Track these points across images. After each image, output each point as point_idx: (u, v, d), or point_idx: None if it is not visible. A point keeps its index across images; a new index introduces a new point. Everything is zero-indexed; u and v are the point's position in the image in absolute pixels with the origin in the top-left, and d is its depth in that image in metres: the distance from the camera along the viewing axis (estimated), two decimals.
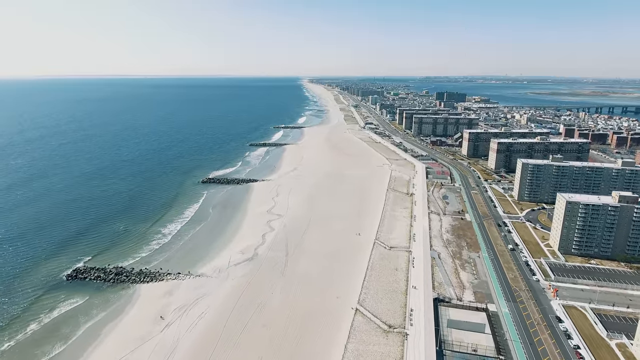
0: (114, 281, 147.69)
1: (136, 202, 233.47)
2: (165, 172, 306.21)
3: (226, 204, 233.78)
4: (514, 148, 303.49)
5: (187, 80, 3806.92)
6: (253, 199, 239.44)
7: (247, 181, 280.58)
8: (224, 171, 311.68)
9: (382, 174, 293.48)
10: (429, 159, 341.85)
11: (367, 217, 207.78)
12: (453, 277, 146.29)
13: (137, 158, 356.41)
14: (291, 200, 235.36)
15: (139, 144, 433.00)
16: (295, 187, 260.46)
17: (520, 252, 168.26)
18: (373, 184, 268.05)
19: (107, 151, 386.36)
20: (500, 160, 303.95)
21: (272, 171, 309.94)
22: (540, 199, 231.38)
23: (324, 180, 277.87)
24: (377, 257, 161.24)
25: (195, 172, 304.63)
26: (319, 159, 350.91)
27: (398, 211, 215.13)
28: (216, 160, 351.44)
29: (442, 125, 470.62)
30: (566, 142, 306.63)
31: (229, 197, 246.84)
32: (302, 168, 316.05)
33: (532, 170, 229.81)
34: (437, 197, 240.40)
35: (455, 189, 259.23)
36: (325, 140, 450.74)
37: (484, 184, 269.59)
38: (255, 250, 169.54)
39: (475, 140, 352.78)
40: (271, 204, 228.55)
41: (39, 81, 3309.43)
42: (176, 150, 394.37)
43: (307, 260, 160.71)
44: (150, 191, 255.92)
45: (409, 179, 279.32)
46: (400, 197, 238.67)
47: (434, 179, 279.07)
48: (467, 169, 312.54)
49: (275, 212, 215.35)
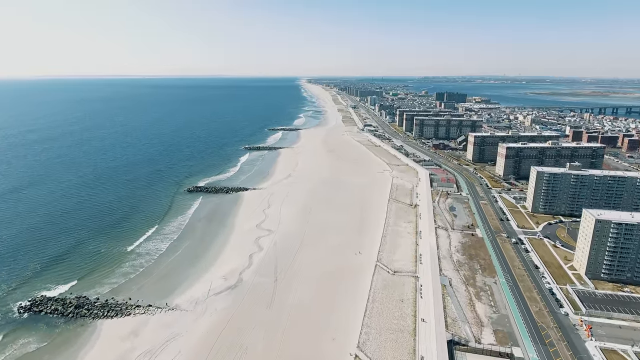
0: (73, 315, 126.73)
1: (115, 217, 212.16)
2: (151, 180, 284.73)
3: (212, 217, 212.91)
4: (523, 153, 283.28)
5: (186, 80, 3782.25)
6: (242, 212, 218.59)
7: (238, 190, 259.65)
8: (213, 178, 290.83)
9: (382, 182, 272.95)
10: (432, 165, 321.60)
11: (367, 233, 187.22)
12: (468, 311, 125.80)
13: (123, 165, 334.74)
14: (283, 212, 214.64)
15: (127, 148, 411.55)
16: (288, 197, 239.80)
17: (541, 277, 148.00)
18: (373, 194, 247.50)
19: (93, 158, 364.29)
20: (509, 166, 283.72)
21: (265, 178, 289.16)
22: (557, 211, 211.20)
23: (320, 189, 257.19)
24: (379, 285, 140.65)
25: (184, 180, 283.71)
26: (315, 164, 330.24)
27: (401, 226, 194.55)
28: (207, 165, 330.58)
29: (445, 128, 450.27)
30: (579, 147, 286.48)
31: (217, 208, 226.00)
32: (296, 175, 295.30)
33: (547, 180, 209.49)
34: (444, 208, 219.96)
35: (462, 198, 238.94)
36: (322, 143, 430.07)
37: (493, 193, 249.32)
38: (239, 275, 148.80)
39: (481, 144, 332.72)
40: (261, 217, 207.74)
41: (39, 81, 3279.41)
42: (166, 156, 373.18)
43: (299, 287, 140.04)
44: (132, 203, 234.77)
45: (411, 187, 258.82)
46: (404, 209, 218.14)
47: (438, 187, 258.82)
48: (474, 176, 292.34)
49: (265, 227, 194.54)
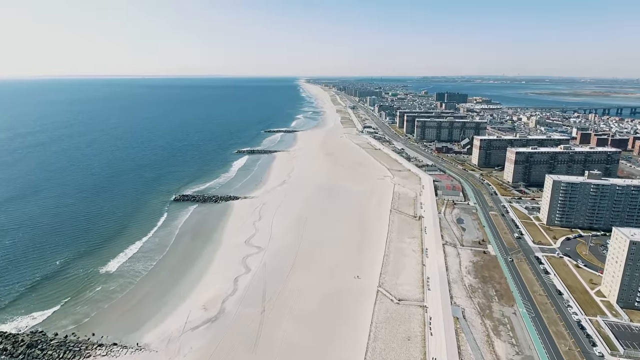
0: (23, 357, 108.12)
1: (90, 231, 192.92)
2: (137, 189, 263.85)
3: (199, 231, 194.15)
4: (534, 159, 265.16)
5: (184, 80, 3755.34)
6: (230, 225, 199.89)
7: (227, 199, 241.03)
8: (204, 185, 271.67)
9: (383, 189, 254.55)
10: (435, 170, 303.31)
11: (368, 250, 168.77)
12: (487, 351, 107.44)
13: (109, 173, 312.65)
14: (276, 225, 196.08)
15: (116, 153, 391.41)
16: (282, 207, 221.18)
17: (567, 305, 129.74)
18: (373, 203, 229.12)
19: (78, 165, 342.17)
20: (519, 173, 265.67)
21: (258, 185, 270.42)
22: (575, 223, 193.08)
23: (316, 198, 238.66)
24: (381, 317, 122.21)
25: (172, 188, 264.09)
26: (311, 169, 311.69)
27: (405, 241, 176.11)
28: (198, 171, 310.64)
29: (447, 130, 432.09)
30: (593, 152, 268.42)
31: (203, 220, 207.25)
32: (292, 181, 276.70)
33: (565, 190, 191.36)
34: (451, 220, 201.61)
35: (470, 209, 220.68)
36: (319, 146, 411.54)
37: (502, 202, 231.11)
38: (222, 304, 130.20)
39: (487, 148, 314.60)
40: (251, 231, 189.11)
41: (38, 82, 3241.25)
42: (156, 161, 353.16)
43: (289, 322, 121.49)
44: (114, 216, 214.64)
45: (415, 195, 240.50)
46: (407, 222, 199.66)
47: (443, 195, 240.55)
48: (480, 182, 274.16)
49: (254, 244, 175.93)
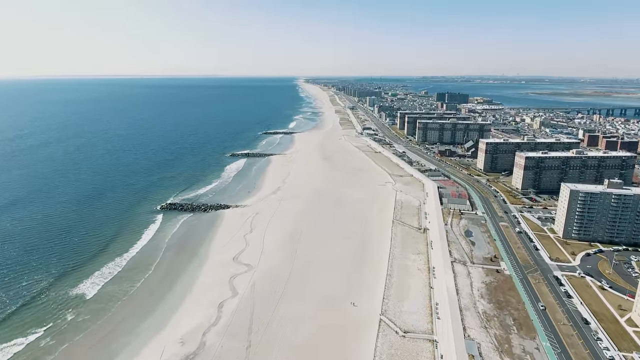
0: None
1: (69, 247, 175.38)
2: (123, 197, 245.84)
3: (183, 245, 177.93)
4: (545, 164, 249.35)
5: (181, 80, 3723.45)
6: (219, 238, 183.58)
7: (218, 207, 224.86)
8: (193, 192, 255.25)
9: (385, 197, 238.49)
10: (439, 175, 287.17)
11: (368, 269, 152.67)
12: None
13: (95, 178, 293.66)
14: (268, 239, 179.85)
15: (105, 156, 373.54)
16: (275, 218, 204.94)
17: (596, 338, 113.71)
18: (374, 213, 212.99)
19: (62, 169, 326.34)
20: (529, 179, 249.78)
21: (251, 192, 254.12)
22: (594, 237, 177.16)
23: (312, 207, 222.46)
24: (385, 353, 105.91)
25: (160, 195, 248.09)
26: (308, 174, 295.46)
27: (410, 258, 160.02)
28: (188, 176, 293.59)
29: (450, 132, 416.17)
30: (607, 157, 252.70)
31: (190, 233, 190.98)
32: (287, 188, 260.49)
33: (583, 200, 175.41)
34: (458, 233, 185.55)
35: (478, 219, 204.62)
36: (317, 149, 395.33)
37: (513, 212, 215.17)
38: (202, 337, 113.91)
39: (494, 152, 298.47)
40: (240, 246, 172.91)
41: (36, 81, 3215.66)
42: (145, 166, 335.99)
43: (278, 358, 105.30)
44: (95, 228, 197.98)
45: (418, 204, 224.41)
46: (411, 235, 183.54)
47: (449, 203, 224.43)
48: (487, 189, 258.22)
49: (243, 261, 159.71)
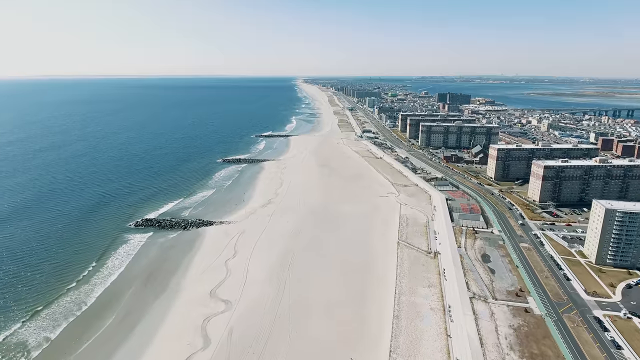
0: None
1: (14, 280, 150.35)
2: (94, 209, 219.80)
3: (153, 273, 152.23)
4: (565, 174, 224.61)
5: (181, 80, 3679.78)
6: (196, 264, 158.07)
7: (200, 224, 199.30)
8: (174, 205, 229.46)
9: (388, 212, 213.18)
10: (446, 185, 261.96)
11: (371, 309, 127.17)
12: None
13: (67, 187, 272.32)
14: (253, 266, 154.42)
15: (82, 161, 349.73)
16: (263, 239, 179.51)
17: None
18: (376, 232, 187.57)
19: (33, 173, 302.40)
20: (547, 190, 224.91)
21: (238, 205, 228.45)
22: (632, 263, 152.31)
23: (306, 225, 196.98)
24: None
25: (134, 208, 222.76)
26: (303, 184, 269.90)
27: (420, 293, 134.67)
28: (171, 186, 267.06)
29: (455, 135, 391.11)
30: (635, 166, 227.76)
31: (164, 257, 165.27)
32: (279, 200, 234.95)
33: (621, 221, 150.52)
34: (474, 258, 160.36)
35: (495, 239, 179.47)
36: (314, 154, 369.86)
37: (533, 229, 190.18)
38: None
39: (506, 159, 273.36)
40: (220, 276, 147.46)
41: (33, 82, 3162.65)
42: (124, 172, 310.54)
43: None
44: (52, 249, 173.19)
45: (426, 220, 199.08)
46: (420, 261, 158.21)
47: (460, 219, 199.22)
48: (501, 201, 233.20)
49: (222, 296, 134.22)
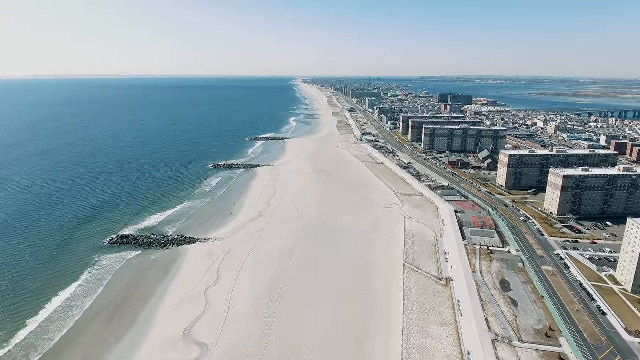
0: None
1: None
2: (67, 224, 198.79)
3: (121, 305, 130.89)
4: (586, 184, 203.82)
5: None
6: (172, 293, 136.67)
7: (181, 242, 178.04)
8: (156, 218, 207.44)
9: (391, 227, 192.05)
10: (454, 194, 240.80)
11: (373, 356, 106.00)
12: None
13: (40, 197, 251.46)
14: (237, 296, 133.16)
15: (59, 174, 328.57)
16: (250, 261, 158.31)
17: None
18: (378, 252, 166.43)
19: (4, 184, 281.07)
20: (566, 202, 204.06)
21: (226, 219, 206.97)
22: None
23: (299, 244, 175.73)
24: None
25: (112, 222, 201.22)
26: (298, 194, 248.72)
27: (432, 334, 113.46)
28: (155, 196, 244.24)
29: (461, 139, 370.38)
30: None
31: (136, 284, 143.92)
32: (270, 213, 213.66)
33: None
34: (492, 285, 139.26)
35: (513, 261, 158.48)
36: (311, 159, 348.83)
37: (554, 248, 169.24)
38: None
39: (518, 166, 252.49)
40: (198, 309, 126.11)
41: (9, 82, 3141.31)
42: (107, 180, 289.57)
43: None
44: (8, 268, 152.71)
45: (434, 238, 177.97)
46: (430, 289, 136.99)
47: (472, 236, 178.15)
48: (515, 213, 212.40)
49: (198, 337, 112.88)
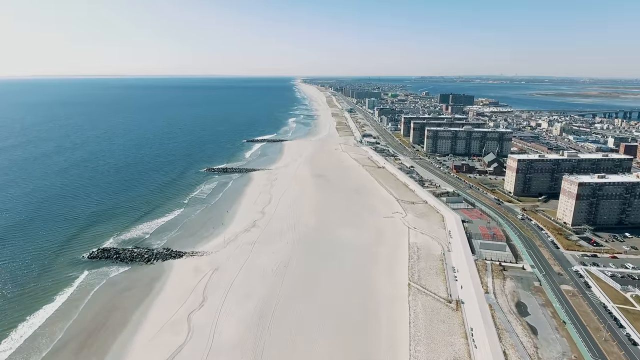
0: None
1: None
2: (49, 239, 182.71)
3: (93, 333, 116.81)
4: (603, 192, 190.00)
5: (178, 80, 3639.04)
6: (151, 319, 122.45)
7: (166, 256, 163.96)
8: (141, 229, 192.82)
9: (394, 239, 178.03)
10: (460, 201, 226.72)
11: None
12: None
13: (21, 208, 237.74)
14: (223, 322, 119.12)
15: (47, 171, 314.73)
16: (240, 279, 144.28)
17: None
18: (381, 269, 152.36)
19: None
20: (582, 211, 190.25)
21: (217, 229, 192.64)
22: None
23: (294, 257, 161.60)
24: None
25: (93, 233, 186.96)
26: (295, 201, 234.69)
27: None
28: (143, 205, 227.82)
29: (465, 141, 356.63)
30: None
31: (112, 306, 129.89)
32: (264, 223, 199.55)
33: None
34: (507, 310, 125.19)
35: (528, 279, 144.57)
36: (309, 162, 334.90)
37: (572, 264, 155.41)
38: None
39: (527, 171, 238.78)
40: (179, 339, 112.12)
41: (10, 82, 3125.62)
42: (94, 187, 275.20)
43: None
44: None
45: (441, 252, 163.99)
46: (439, 314, 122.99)
47: (482, 249, 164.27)
48: (526, 222, 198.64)
49: None
